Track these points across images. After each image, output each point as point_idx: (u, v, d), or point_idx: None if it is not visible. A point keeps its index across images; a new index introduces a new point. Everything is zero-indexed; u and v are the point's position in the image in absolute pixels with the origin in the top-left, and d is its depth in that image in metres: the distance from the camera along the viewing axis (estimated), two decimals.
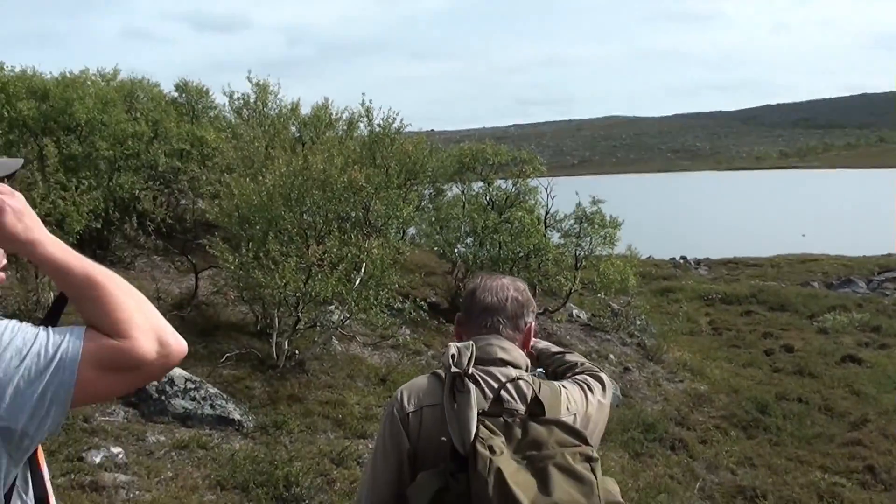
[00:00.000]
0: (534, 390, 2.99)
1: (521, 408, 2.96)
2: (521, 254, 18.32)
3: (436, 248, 20.63)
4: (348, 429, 10.84)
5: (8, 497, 1.88)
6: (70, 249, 1.94)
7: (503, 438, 2.79)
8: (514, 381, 3.00)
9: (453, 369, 2.90)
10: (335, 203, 13.42)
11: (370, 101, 20.77)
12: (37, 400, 1.76)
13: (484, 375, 3.06)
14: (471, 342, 3.04)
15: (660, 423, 13.73)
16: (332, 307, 13.52)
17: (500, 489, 2.63)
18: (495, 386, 3.02)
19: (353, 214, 14.69)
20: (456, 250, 19.52)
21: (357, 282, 12.57)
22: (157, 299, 13.02)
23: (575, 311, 20.77)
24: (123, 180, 15.72)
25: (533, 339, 3.44)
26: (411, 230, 20.15)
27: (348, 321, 13.56)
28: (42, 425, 1.79)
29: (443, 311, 18.02)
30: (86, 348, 1.80)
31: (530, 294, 3.41)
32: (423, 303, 13.81)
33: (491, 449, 2.72)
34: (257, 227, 12.91)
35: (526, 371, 3.20)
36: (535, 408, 2.91)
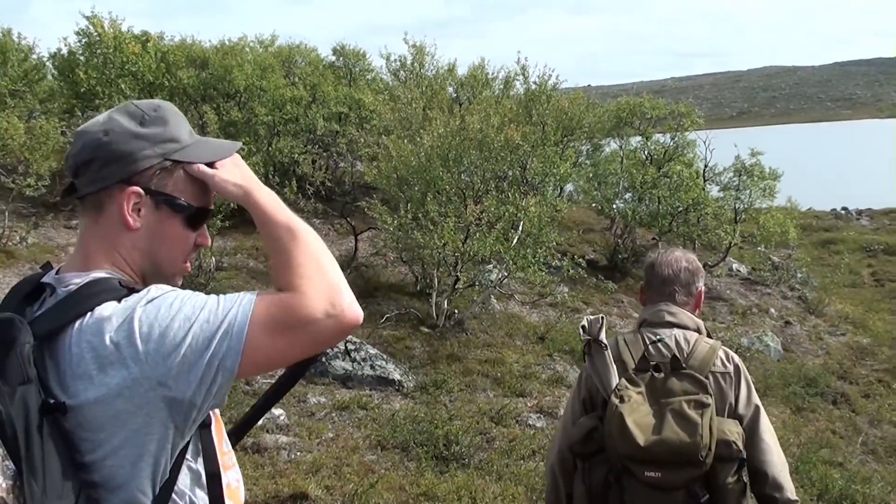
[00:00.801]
0: (674, 349, 3.68)
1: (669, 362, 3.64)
2: (680, 208, 18.10)
3: (594, 205, 20.56)
4: (507, 387, 10.88)
5: (177, 467, 1.87)
6: (280, 202, 2.02)
7: (642, 388, 3.54)
8: (660, 340, 3.72)
9: (584, 337, 3.63)
10: (492, 162, 13.41)
11: (525, 59, 20.78)
12: (204, 369, 1.74)
13: (650, 335, 3.77)
14: (601, 315, 3.69)
15: (821, 377, 13.49)
16: (491, 266, 13.58)
17: (620, 430, 3.40)
18: (647, 344, 3.74)
19: (511, 173, 14.64)
20: (614, 206, 19.44)
21: (515, 240, 12.57)
22: None
23: (735, 265, 20.48)
24: (283, 145, 16.01)
25: None
26: (569, 187, 20.00)
27: (506, 280, 13.59)
28: (209, 395, 1.77)
29: (601, 269, 17.89)
30: (255, 310, 1.78)
31: (699, 263, 4.09)
32: (581, 260, 13.70)
33: (622, 398, 3.47)
34: (416, 189, 13.00)
35: (696, 330, 3.82)
36: (675, 362, 3.60)
